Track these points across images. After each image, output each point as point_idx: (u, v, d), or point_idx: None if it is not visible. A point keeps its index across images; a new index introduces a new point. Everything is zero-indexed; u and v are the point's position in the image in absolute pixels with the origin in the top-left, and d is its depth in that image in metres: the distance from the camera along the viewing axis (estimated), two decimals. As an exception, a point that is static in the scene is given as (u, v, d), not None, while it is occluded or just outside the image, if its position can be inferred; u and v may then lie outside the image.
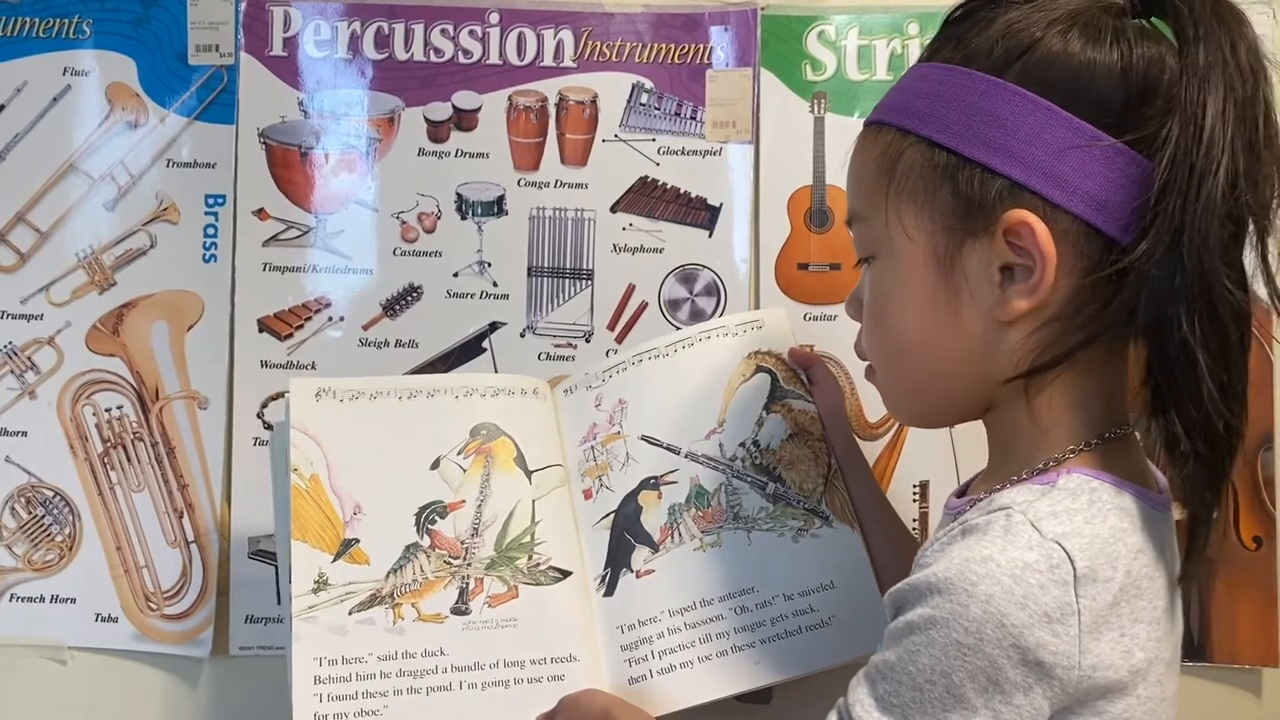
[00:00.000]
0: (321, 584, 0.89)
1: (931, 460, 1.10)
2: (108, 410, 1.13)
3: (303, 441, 0.93)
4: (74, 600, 1.11)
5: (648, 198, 1.14)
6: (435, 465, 0.95)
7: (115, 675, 1.12)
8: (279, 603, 1.11)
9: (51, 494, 1.12)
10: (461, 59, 1.15)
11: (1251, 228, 0.63)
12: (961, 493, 0.76)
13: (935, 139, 0.68)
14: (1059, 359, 0.65)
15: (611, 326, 1.14)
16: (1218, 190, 0.60)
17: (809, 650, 0.89)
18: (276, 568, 1.11)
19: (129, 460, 1.13)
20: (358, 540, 0.91)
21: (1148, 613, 0.64)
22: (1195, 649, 1.09)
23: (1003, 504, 0.65)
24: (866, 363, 0.79)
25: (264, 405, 1.12)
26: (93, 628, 1.11)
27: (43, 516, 1.12)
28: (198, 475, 1.12)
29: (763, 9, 1.14)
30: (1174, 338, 0.61)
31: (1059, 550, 0.61)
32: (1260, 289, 0.66)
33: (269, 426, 1.12)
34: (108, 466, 1.13)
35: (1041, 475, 0.67)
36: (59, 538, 1.12)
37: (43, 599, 1.11)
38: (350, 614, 0.88)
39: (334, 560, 0.90)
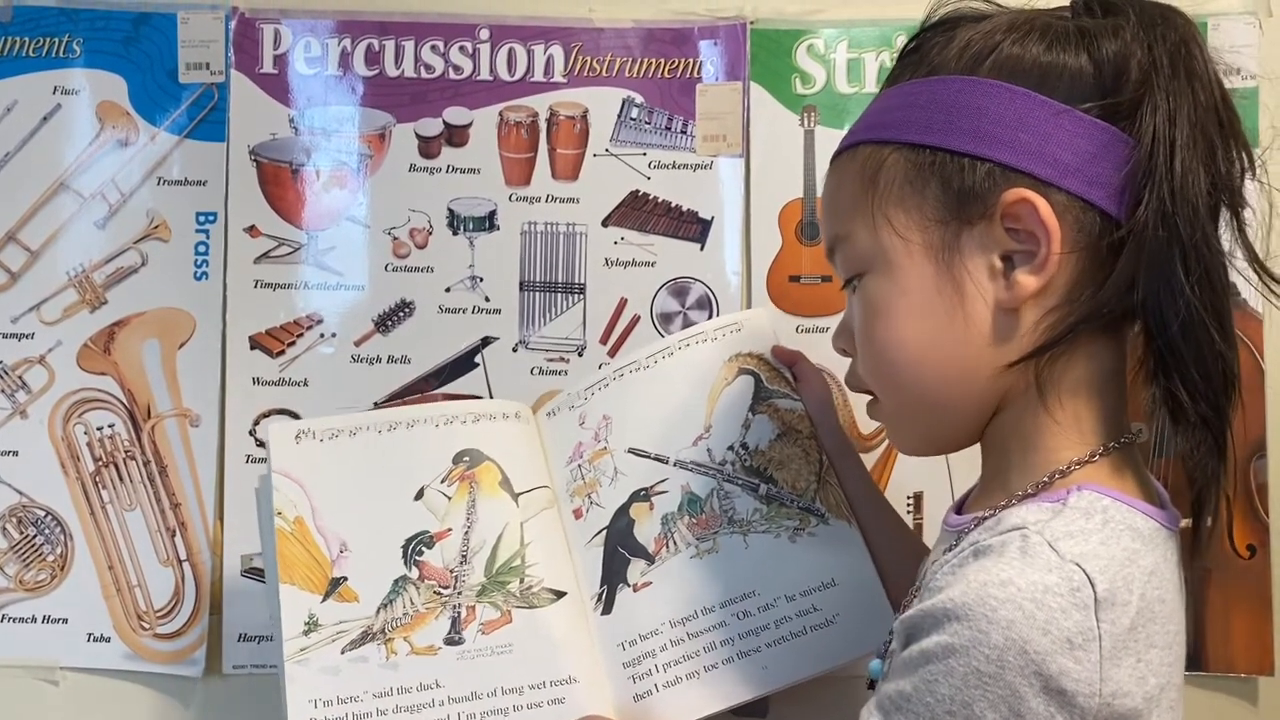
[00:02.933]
0: (312, 625, 0.88)
1: (925, 472, 1.10)
2: (99, 429, 1.13)
3: (285, 485, 0.92)
4: (66, 620, 1.11)
5: (639, 211, 1.15)
6: (419, 495, 0.94)
7: (108, 695, 1.11)
8: (271, 621, 1.11)
9: (43, 513, 1.12)
10: (452, 75, 1.15)
11: (1227, 204, 0.65)
12: (959, 508, 0.75)
13: (916, 141, 0.68)
14: (1066, 334, 0.65)
15: (604, 340, 1.14)
16: (1197, 162, 0.63)
17: (816, 650, 0.87)
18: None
19: (121, 479, 1.12)
20: (346, 578, 0.90)
21: (1161, 637, 0.62)
22: (1191, 658, 1.09)
23: (1016, 523, 0.63)
24: (869, 397, 0.78)
25: (256, 423, 1.12)
26: (85, 648, 1.11)
27: (34, 536, 1.11)
28: (190, 493, 1.12)
29: (752, 23, 1.15)
30: (1177, 303, 0.62)
31: (1079, 572, 0.59)
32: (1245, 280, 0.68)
33: (261, 444, 1.12)
34: (99, 485, 1.12)
35: (1049, 492, 0.66)
36: (50, 558, 1.11)
37: (34, 619, 1.11)
38: (342, 653, 0.87)
39: (323, 600, 0.89)
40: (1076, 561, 0.60)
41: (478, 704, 0.86)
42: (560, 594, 0.92)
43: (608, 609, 0.92)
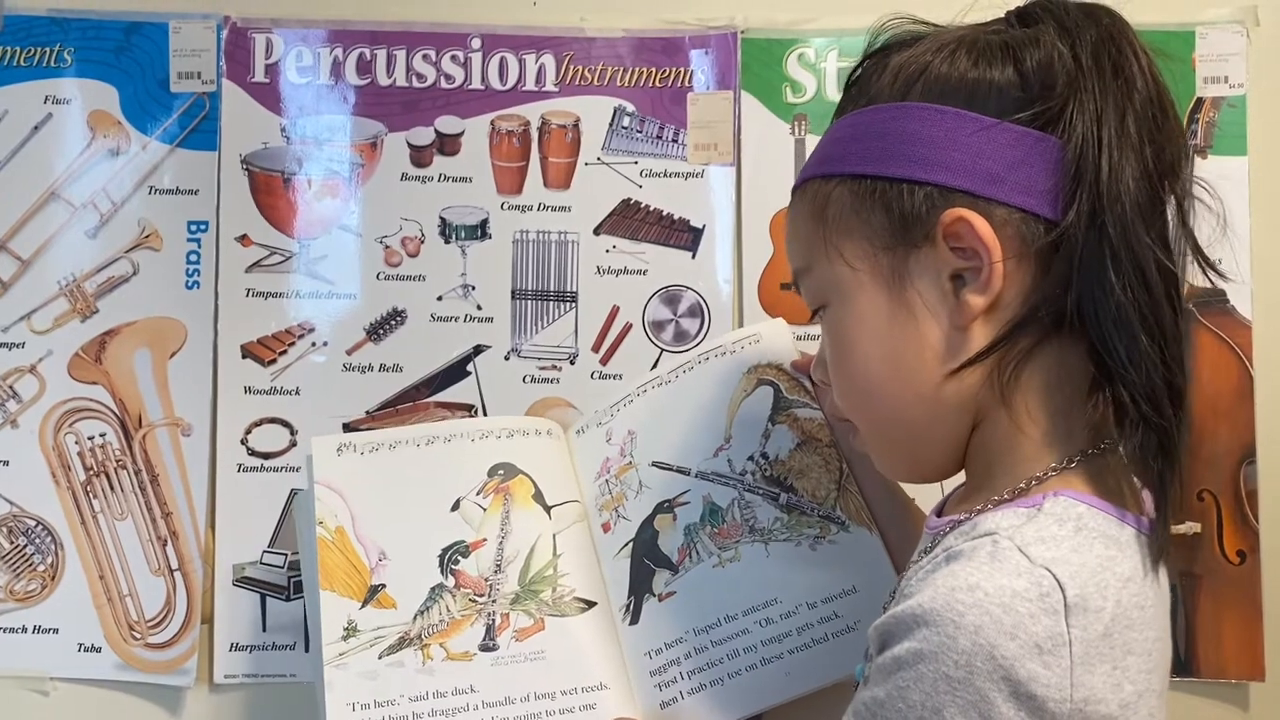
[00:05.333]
0: (351, 631, 0.90)
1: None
2: (90, 438, 1.12)
3: (326, 495, 0.95)
4: (56, 630, 1.11)
5: (631, 220, 1.15)
6: (456, 507, 0.96)
7: (98, 706, 1.11)
8: (264, 630, 1.11)
9: (34, 523, 1.11)
10: (444, 84, 1.15)
11: (1169, 195, 0.65)
12: (940, 511, 0.75)
13: (856, 171, 0.69)
14: (1006, 337, 0.66)
15: (596, 348, 1.14)
16: (1126, 160, 0.63)
17: (838, 656, 0.87)
18: (263, 594, 1.11)
19: (112, 488, 1.12)
20: (384, 585, 0.92)
21: (1139, 644, 0.62)
22: (1182, 664, 1.09)
23: (988, 529, 0.63)
24: (846, 422, 0.78)
25: (248, 431, 1.12)
26: (75, 658, 1.10)
27: (25, 546, 1.11)
28: (181, 503, 1.12)
29: (743, 32, 1.15)
30: (1108, 303, 0.63)
31: (1049, 577, 0.59)
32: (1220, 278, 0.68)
33: (253, 453, 1.12)
34: (90, 495, 1.12)
35: (1025, 497, 0.66)
36: (41, 568, 1.11)
37: (25, 629, 1.11)
38: (380, 658, 0.89)
39: (362, 607, 0.91)
40: (1047, 567, 0.60)
41: (511, 709, 0.88)
42: (590, 604, 0.93)
43: (635, 619, 0.93)
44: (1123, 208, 0.63)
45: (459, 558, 0.94)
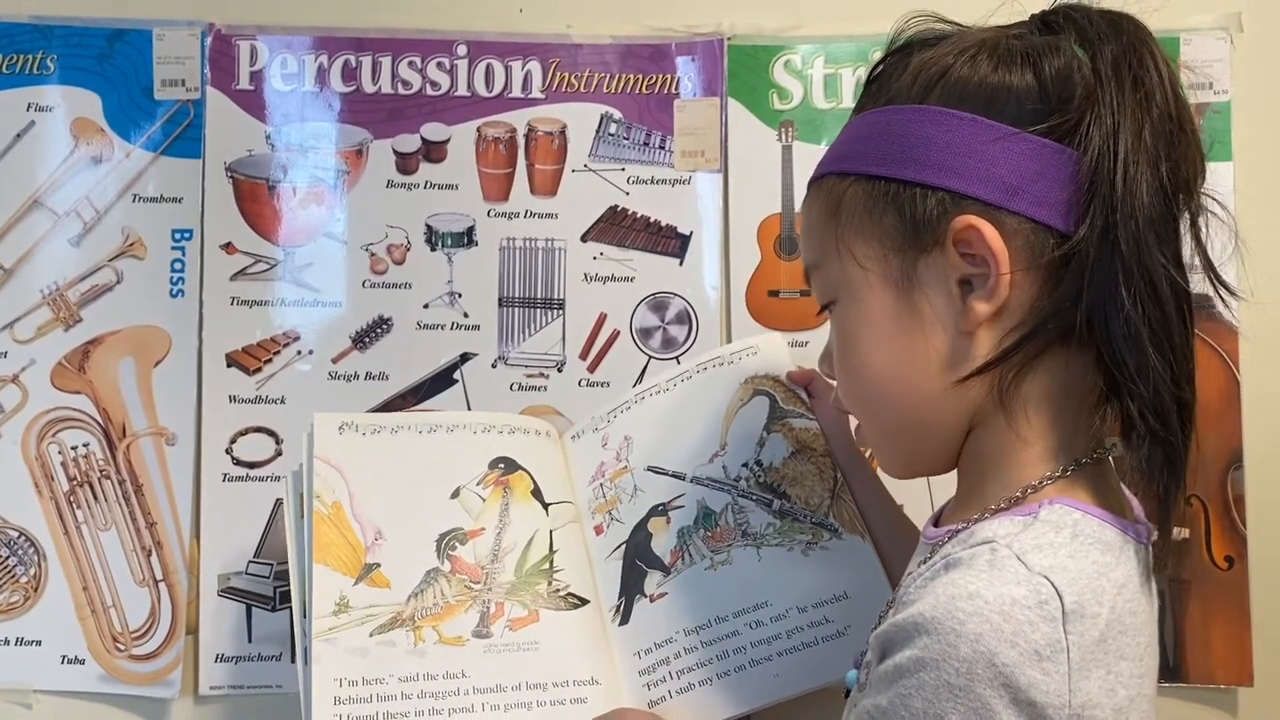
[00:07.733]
0: (342, 606, 0.90)
1: (905, 484, 1.10)
2: (74, 448, 1.11)
3: (325, 471, 0.95)
4: (39, 642, 1.09)
5: (618, 227, 1.15)
6: (455, 494, 0.97)
7: (82, 718, 1.10)
8: (250, 641, 1.10)
9: (16, 534, 1.10)
10: (429, 91, 1.15)
11: (1183, 210, 0.65)
12: (937, 521, 0.76)
13: (872, 172, 0.70)
14: (1014, 350, 0.66)
15: (583, 356, 1.14)
16: (1141, 175, 0.63)
17: (827, 660, 0.88)
18: (248, 605, 1.10)
19: (96, 498, 1.11)
20: (379, 565, 0.92)
21: (1132, 649, 0.63)
22: (1171, 669, 1.09)
23: (985, 537, 0.64)
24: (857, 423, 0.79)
25: (232, 441, 1.11)
26: (59, 670, 1.09)
27: (7, 558, 1.10)
28: (166, 512, 1.11)
29: (729, 39, 1.15)
30: (1119, 318, 0.63)
31: (1047, 585, 0.60)
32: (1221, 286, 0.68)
33: (238, 462, 1.11)
34: (74, 505, 1.11)
35: (1021, 505, 0.66)
36: (24, 579, 1.10)
37: (7, 642, 1.09)
38: (371, 636, 0.89)
39: (355, 583, 0.91)
40: (1044, 574, 0.60)
41: (502, 696, 0.88)
42: (583, 601, 0.95)
43: (625, 620, 0.94)
44: (1136, 223, 0.63)
45: (456, 544, 0.94)
